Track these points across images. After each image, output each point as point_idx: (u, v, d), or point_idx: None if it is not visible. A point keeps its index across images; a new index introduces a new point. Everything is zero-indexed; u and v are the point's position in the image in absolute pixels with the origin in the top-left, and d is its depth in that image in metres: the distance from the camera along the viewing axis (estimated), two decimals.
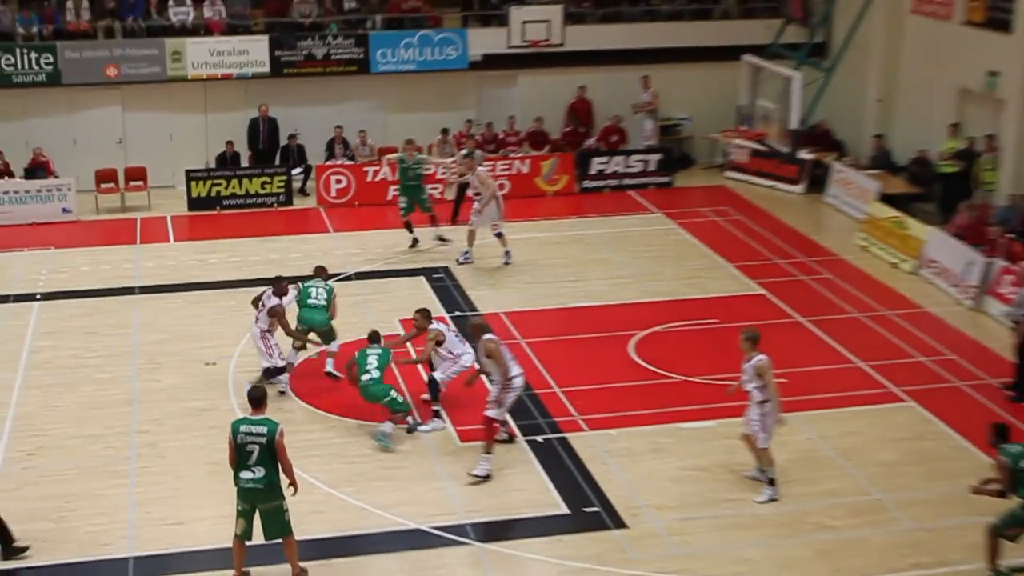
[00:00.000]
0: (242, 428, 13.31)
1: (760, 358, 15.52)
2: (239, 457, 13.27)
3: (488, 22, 31.23)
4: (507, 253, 24.22)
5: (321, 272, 19.40)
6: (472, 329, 16.63)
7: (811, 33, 30.70)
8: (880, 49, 29.64)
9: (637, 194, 29.38)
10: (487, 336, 16.27)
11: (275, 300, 18.20)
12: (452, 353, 17.49)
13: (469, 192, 25.04)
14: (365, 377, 17.17)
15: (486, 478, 15.91)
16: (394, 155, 26.21)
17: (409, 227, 25.18)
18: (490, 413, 16.02)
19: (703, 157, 32.06)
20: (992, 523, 13.74)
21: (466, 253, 24.20)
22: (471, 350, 17.42)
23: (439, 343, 17.44)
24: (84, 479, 16.11)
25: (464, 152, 26.59)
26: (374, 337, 17.65)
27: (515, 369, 16.19)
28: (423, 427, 17.36)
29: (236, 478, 13.38)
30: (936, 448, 17.03)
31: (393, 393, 17.17)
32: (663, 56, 31.50)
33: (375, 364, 17.23)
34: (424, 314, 17.87)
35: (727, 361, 19.73)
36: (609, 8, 32.07)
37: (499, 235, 24.13)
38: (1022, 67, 24.71)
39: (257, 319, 18.34)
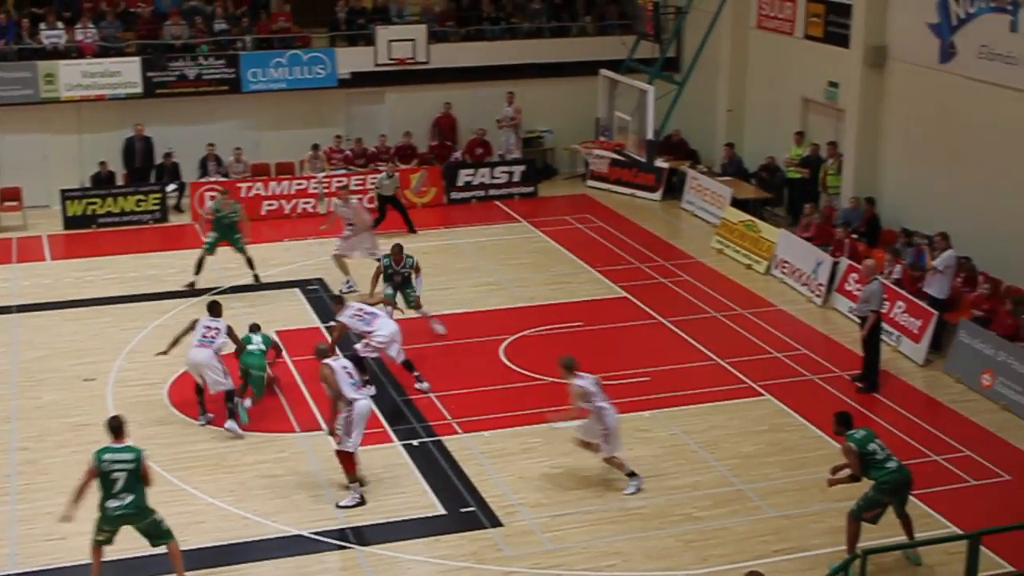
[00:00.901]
0: (105, 456, 12.77)
1: (577, 384, 15.33)
2: (104, 486, 12.74)
3: (355, 41, 30.90)
4: (347, 282, 23.05)
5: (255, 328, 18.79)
6: (315, 353, 15.73)
7: (663, 48, 30.91)
8: (728, 63, 29.95)
9: (503, 204, 29.31)
10: (323, 362, 15.34)
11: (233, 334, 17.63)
12: (368, 330, 17.95)
13: (343, 222, 23.45)
14: (251, 347, 17.88)
15: (358, 505, 15.38)
16: (209, 204, 24.97)
17: (200, 266, 23.22)
18: (339, 447, 15.28)
19: (565, 167, 32.10)
20: (851, 508, 13.83)
21: (347, 281, 23.10)
22: (384, 325, 17.99)
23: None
24: None
25: (342, 184, 25.85)
26: (255, 328, 18.57)
27: (350, 393, 15.16)
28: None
29: (103, 507, 12.83)
30: (793, 438, 17.16)
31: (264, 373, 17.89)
32: (524, 72, 31.51)
33: (260, 342, 18.12)
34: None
35: (594, 362, 19.70)
36: (472, 27, 31.98)
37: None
38: (859, 78, 25.10)
39: (205, 341, 17.24)
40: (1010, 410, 18.20)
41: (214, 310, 17.58)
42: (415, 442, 16.99)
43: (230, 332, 17.41)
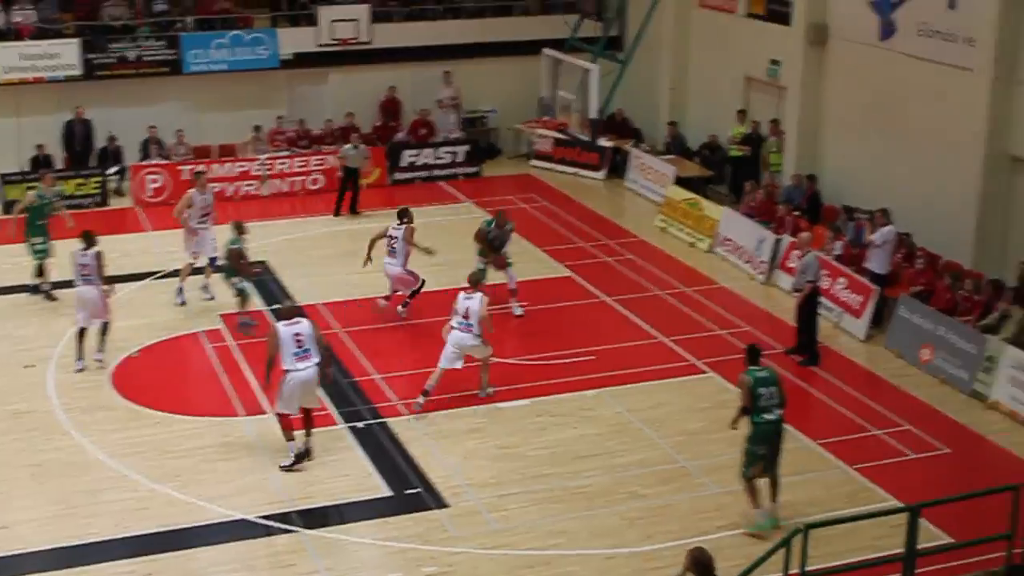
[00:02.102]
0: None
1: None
2: None
3: (297, 21, 30.69)
4: (180, 290, 21.43)
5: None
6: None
7: (606, 27, 30.93)
8: (671, 41, 30.00)
9: (447, 184, 29.25)
10: (271, 324, 15.92)
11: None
12: None
13: (197, 214, 21.58)
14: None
15: (296, 462, 15.60)
16: (31, 192, 22.53)
17: (41, 270, 21.80)
18: (275, 408, 15.84)
19: (509, 147, 32.07)
20: (740, 472, 14.18)
21: (180, 291, 21.39)
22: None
23: None
24: None
25: (198, 170, 24.61)
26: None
27: (286, 363, 15.36)
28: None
29: None
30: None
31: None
32: (468, 51, 31.40)
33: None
34: None
35: (538, 342, 19.80)
36: (414, 6, 31.82)
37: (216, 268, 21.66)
38: (800, 56, 25.23)
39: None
40: (949, 384, 18.42)
41: (88, 240, 18.88)
42: (360, 424, 16.95)
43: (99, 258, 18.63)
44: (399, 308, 20.68)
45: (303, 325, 15.49)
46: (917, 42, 22.39)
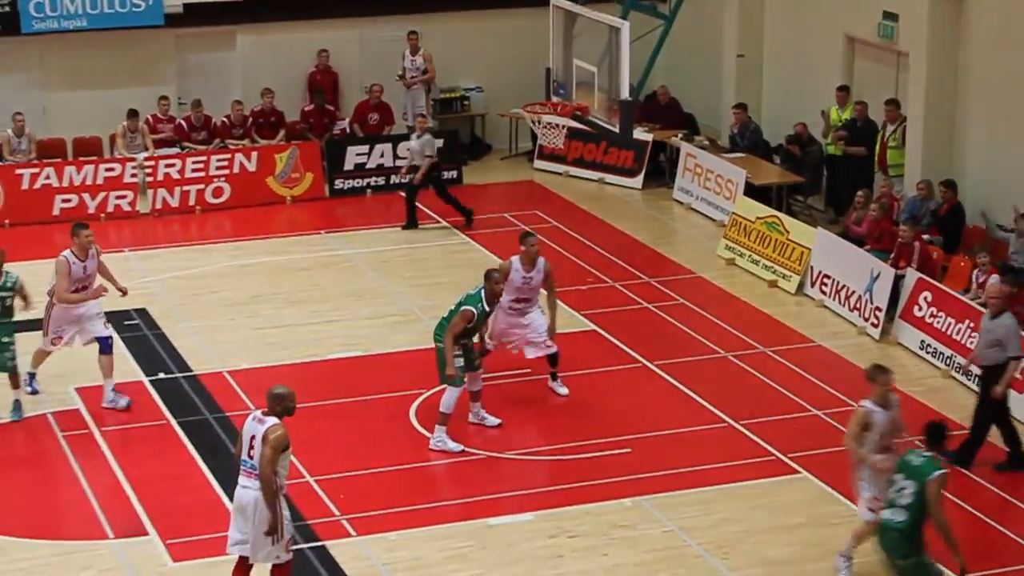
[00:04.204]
0: None
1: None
2: None
3: None
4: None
5: None
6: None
7: None
8: None
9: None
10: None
11: None
12: None
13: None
14: None
15: None
16: None
17: None
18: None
19: (502, 142, 32.14)
20: None
21: (33, 377, 20.97)
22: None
23: None
24: None
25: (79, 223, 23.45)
26: None
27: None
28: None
29: None
30: (843, 534, 17.09)
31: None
32: (439, 3, 31.51)
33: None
34: None
35: (552, 426, 19.74)
36: None
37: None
38: (927, 8, 25.29)
39: None
40: None
41: None
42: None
43: None
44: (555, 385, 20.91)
45: (262, 428, 15.16)
46: None
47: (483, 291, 19.21)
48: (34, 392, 20.80)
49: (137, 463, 18.84)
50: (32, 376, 20.83)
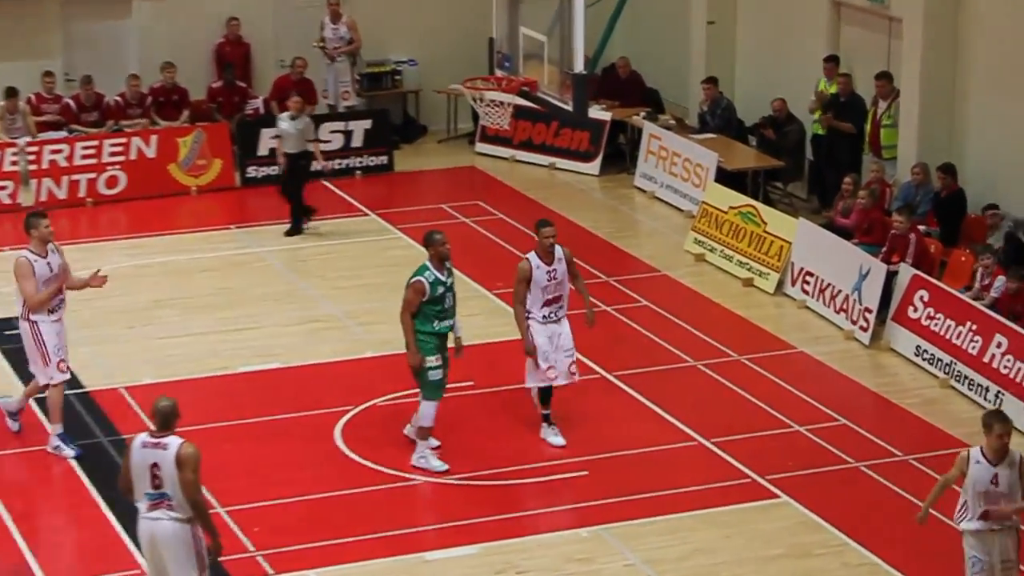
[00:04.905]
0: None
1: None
2: None
3: None
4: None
5: None
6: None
7: None
8: None
9: (334, 185, 29.35)
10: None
11: None
12: None
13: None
14: None
15: None
16: None
17: None
18: None
19: (439, 122, 32.19)
20: None
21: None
22: None
23: None
24: None
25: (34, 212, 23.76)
26: None
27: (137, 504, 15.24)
28: None
29: None
30: (831, 567, 17.25)
31: None
32: None
33: None
34: None
35: (496, 445, 19.71)
36: None
37: None
38: None
39: None
40: None
41: None
42: None
43: None
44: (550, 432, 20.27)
45: (167, 453, 15.11)
46: None
47: (428, 259, 19.08)
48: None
49: (21, 495, 18.78)
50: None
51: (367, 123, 30.14)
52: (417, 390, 19.23)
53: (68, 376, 19.74)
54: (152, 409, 15.01)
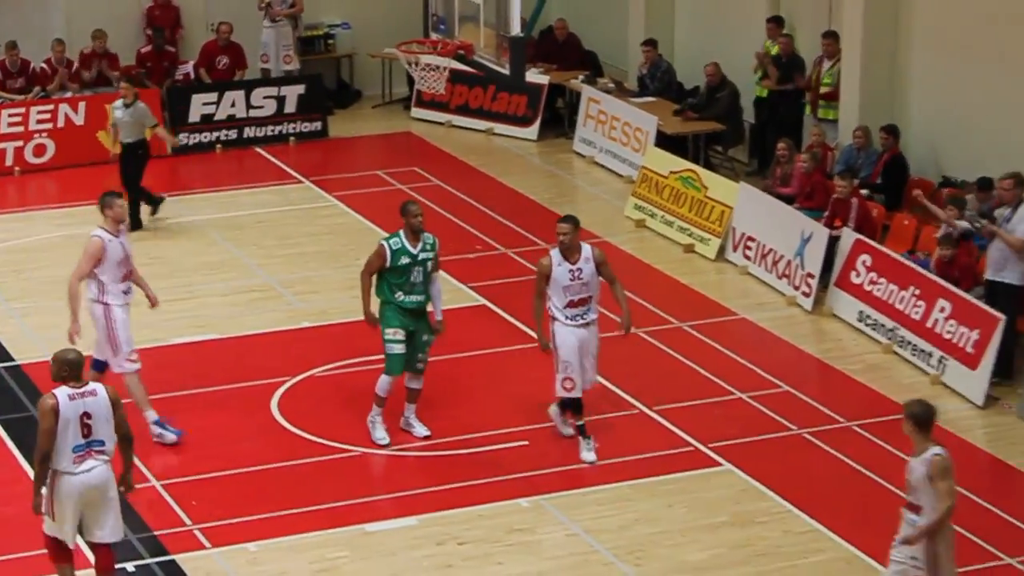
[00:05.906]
0: None
1: None
2: None
3: None
4: None
5: None
6: None
7: None
8: None
9: (268, 152, 29.40)
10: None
11: None
12: None
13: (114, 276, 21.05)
14: None
15: None
16: None
17: None
18: (45, 529, 15.55)
19: (373, 87, 32.20)
20: None
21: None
22: None
23: None
24: None
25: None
26: None
27: (63, 461, 15.15)
28: None
29: None
30: (772, 535, 17.43)
31: None
32: None
33: None
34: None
35: (435, 415, 19.79)
36: None
37: None
38: None
39: None
40: None
41: None
42: (130, 566, 16.83)
43: None
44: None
45: (99, 399, 15.23)
46: None
47: (403, 228, 19.04)
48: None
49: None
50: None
51: (300, 88, 30.15)
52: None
53: (139, 365, 19.24)
54: (61, 363, 15.13)
